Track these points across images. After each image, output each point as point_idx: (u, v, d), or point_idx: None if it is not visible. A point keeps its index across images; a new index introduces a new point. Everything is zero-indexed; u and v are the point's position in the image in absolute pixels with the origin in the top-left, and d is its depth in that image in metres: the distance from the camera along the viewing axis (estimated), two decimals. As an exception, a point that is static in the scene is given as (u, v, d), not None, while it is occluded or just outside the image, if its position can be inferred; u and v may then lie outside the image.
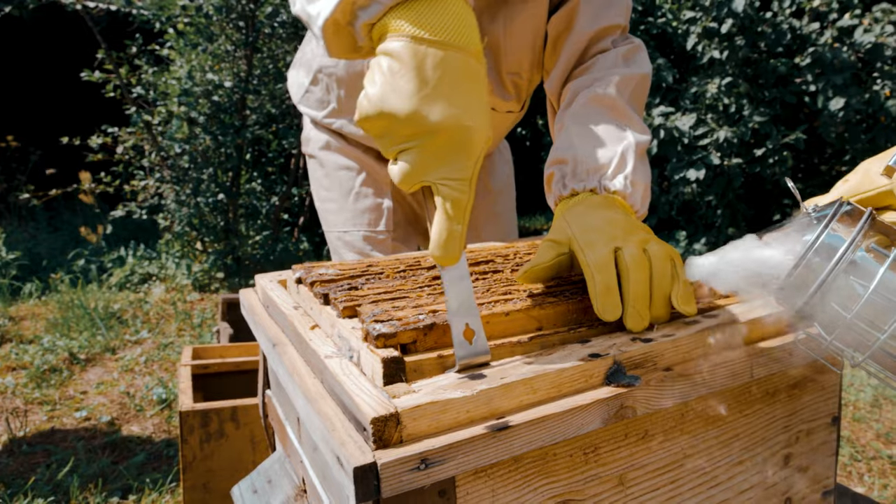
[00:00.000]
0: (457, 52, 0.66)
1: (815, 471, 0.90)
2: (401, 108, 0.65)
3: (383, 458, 0.56)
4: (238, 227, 6.44)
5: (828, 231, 0.62)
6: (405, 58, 0.65)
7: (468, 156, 0.67)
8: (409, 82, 0.65)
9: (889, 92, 3.57)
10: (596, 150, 1.00)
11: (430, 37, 0.66)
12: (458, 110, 0.65)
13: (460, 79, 0.66)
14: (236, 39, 5.90)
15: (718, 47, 4.33)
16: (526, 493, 0.66)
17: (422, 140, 0.66)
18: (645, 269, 0.77)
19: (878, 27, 3.89)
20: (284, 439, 1.01)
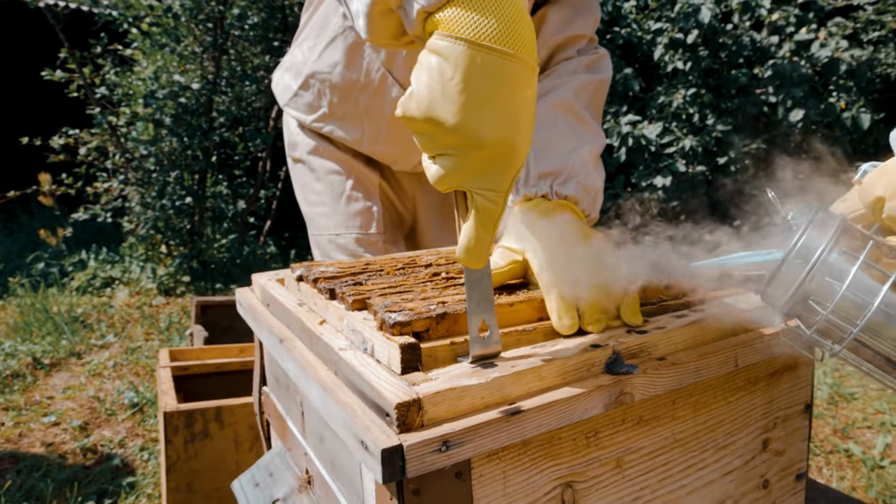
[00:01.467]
0: (514, 63, 0.62)
1: (790, 455, 0.96)
2: (449, 118, 0.61)
3: (408, 441, 0.60)
4: (204, 230, 6.37)
5: (805, 237, 0.68)
6: (459, 63, 0.61)
7: (509, 171, 0.65)
8: (461, 92, 0.61)
9: (844, 104, 3.73)
10: (550, 155, 1.03)
11: (489, 43, 0.61)
12: (508, 127, 0.63)
13: (514, 92, 0.63)
14: (204, 41, 5.85)
15: (683, 58, 4.46)
16: (533, 474, 0.71)
17: (463, 150, 0.63)
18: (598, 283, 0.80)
19: (832, 42, 4.06)
20: (284, 434, 1.04)
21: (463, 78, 0.61)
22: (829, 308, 0.67)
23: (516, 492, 0.70)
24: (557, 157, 1.03)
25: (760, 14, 4.38)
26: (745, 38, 4.53)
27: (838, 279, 0.67)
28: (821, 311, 0.68)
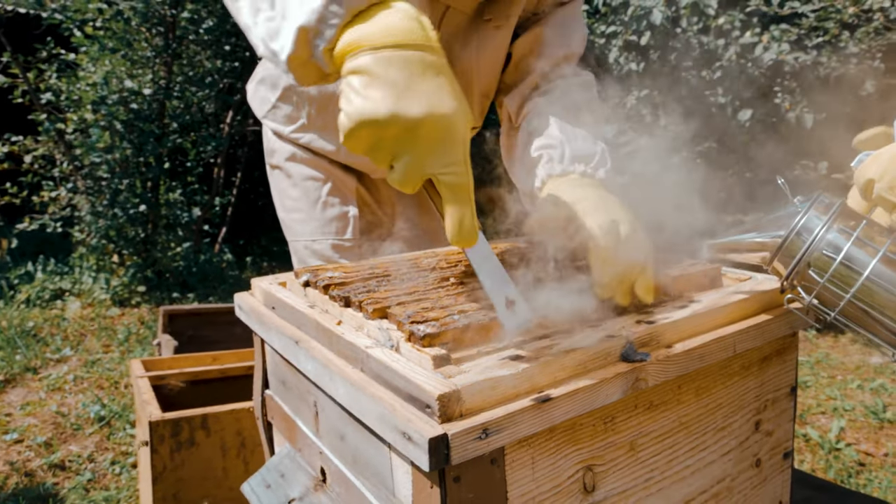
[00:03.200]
0: (414, 50, 0.69)
1: (778, 435, 1.03)
2: (380, 113, 0.67)
3: (452, 430, 0.63)
4: (158, 238, 6.24)
5: (807, 217, 0.80)
6: (370, 67, 0.68)
7: (455, 141, 0.70)
8: (381, 87, 0.68)
9: (789, 105, 3.91)
10: (580, 143, 1.11)
11: (386, 42, 0.69)
12: (432, 100, 0.68)
13: (425, 73, 0.69)
14: (156, 45, 5.73)
15: (636, 60, 4.59)
16: (558, 459, 0.74)
17: (408, 138, 0.69)
18: (632, 248, 0.88)
19: (775, 45, 4.24)
20: (293, 435, 1.05)
21: (378, 76, 0.68)
22: (826, 277, 0.79)
23: (543, 476, 0.73)
24: (586, 146, 1.10)
25: (708, 18, 4.54)
26: (693, 41, 4.69)
27: (835, 253, 0.79)
28: (819, 280, 0.79)
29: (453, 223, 0.72)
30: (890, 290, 0.76)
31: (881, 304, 0.76)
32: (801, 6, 3.80)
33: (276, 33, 0.78)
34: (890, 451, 2.65)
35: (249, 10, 0.83)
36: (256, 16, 0.82)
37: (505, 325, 0.74)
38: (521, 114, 1.27)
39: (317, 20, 0.73)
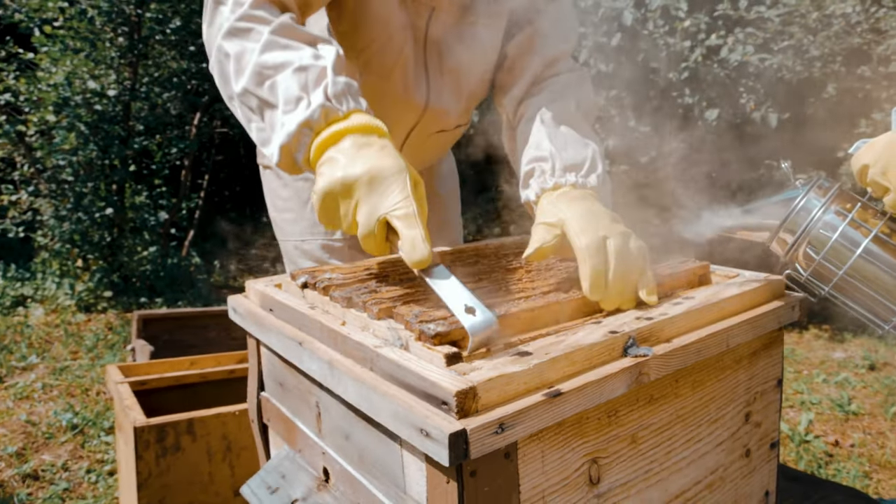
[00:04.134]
0: (360, 134, 0.90)
1: (766, 426, 1.07)
2: (333, 180, 0.87)
3: (471, 425, 0.64)
4: (124, 242, 6.12)
5: (808, 197, 0.88)
6: (333, 157, 0.89)
7: (396, 185, 0.86)
8: (335, 166, 0.88)
9: (754, 105, 4.02)
10: (570, 151, 1.13)
11: (341, 133, 0.91)
12: (371, 162, 0.87)
13: (370, 146, 0.89)
14: (121, 45, 5.62)
15: (605, 61, 4.66)
16: (566, 452, 0.77)
17: (358, 193, 0.86)
18: (626, 259, 0.92)
19: (739, 47, 4.35)
20: (292, 436, 1.06)
21: (334, 159, 0.89)
22: (822, 255, 0.86)
23: (552, 469, 0.75)
24: (576, 152, 1.12)
25: (674, 20, 4.63)
26: (660, 43, 4.78)
27: (831, 232, 0.86)
28: (815, 257, 0.87)
29: (408, 247, 0.83)
30: (880, 267, 0.83)
31: (872, 280, 0.84)
32: (766, 10, 3.90)
33: (266, 142, 0.96)
34: (856, 443, 2.74)
35: (243, 118, 1.00)
36: (249, 123, 0.99)
37: (469, 331, 0.76)
38: (517, 114, 1.29)
39: (294, 140, 0.92)
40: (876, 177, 0.82)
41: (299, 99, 0.92)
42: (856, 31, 3.66)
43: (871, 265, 0.84)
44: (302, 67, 0.93)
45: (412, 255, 0.83)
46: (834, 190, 0.88)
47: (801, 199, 0.89)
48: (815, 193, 0.89)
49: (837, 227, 0.86)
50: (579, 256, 0.92)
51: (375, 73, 1.27)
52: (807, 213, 0.88)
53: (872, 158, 0.83)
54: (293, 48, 0.95)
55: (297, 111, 0.91)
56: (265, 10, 0.98)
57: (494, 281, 1.01)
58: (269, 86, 0.93)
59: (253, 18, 0.97)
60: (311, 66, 0.93)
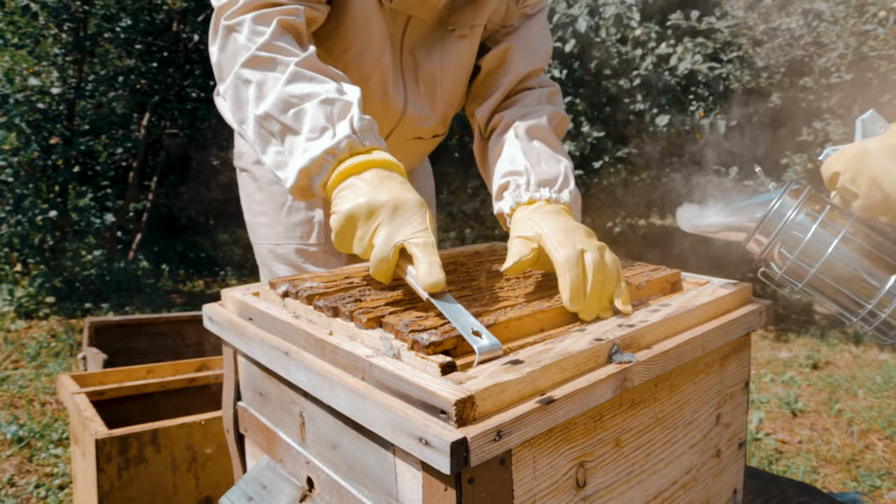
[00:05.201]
0: (384, 168, 0.97)
1: (735, 427, 1.11)
2: (360, 204, 0.91)
3: (471, 433, 0.66)
4: (68, 246, 5.92)
5: (782, 200, 0.94)
6: (355, 184, 0.94)
7: (417, 215, 0.91)
8: (358, 191, 0.93)
9: (703, 112, 4.15)
10: (543, 168, 1.16)
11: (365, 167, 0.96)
12: (395, 192, 0.92)
13: (392, 180, 0.95)
14: (65, 42, 5.44)
15: (559, 67, 4.75)
16: (556, 457, 0.78)
17: (380, 218, 0.91)
18: (602, 272, 0.95)
19: (688, 56, 4.49)
20: (272, 446, 1.05)
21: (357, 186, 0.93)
22: (795, 254, 0.92)
23: (543, 473, 0.77)
24: (550, 168, 1.15)
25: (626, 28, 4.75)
26: (612, 50, 4.89)
27: (803, 233, 0.92)
28: (789, 256, 0.93)
29: (425, 269, 0.87)
30: (848, 264, 0.90)
31: (841, 276, 0.91)
32: (717, 22, 4.04)
33: (283, 166, 1.01)
34: (803, 439, 2.86)
35: (258, 141, 1.03)
36: (266, 146, 1.03)
37: (478, 352, 0.78)
38: (489, 126, 1.31)
39: (316, 165, 0.97)
40: (846, 184, 0.87)
41: (324, 129, 0.97)
42: (799, 43, 3.82)
43: (840, 262, 0.90)
44: (328, 100, 0.98)
45: (429, 278, 0.86)
46: (805, 193, 0.94)
47: (775, 202, 0.94)
48: (788, 196, 0.94)
49: (809, 227, 0.92)
50: (559, 269, 0.95)
51: (354, 77, 1.27)
52: (780, 216, 0.94)
53: (843, 166, 0.87)
54: (318, 81, 1.01)
55: (322, 139, 0.96)
56: (285, 42, 1.04)
57: (476, 290, 1.02)
58: (295, 113, 0.98)
59: (275, 49, 1.03)
60: (337, 99, 0.99)
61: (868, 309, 0.89)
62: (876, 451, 2.72)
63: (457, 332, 0.81)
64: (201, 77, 7.11)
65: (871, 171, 0.84)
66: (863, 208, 0.87)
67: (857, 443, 2.78)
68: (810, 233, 0.91)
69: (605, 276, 0.95)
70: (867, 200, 0.86)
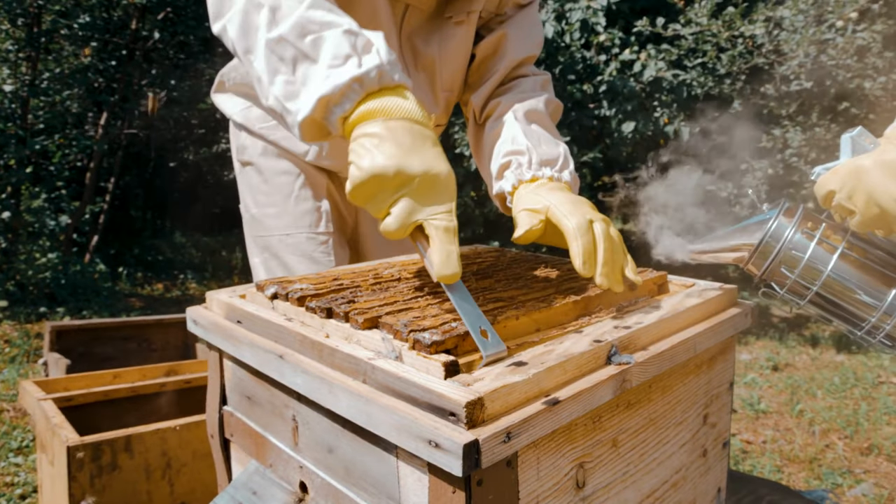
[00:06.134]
0: (417, 125, 0.86)
1: (720, 427, 1.13)
2: (388, 167, 0.82)
3: (482, 435, 0.65)
4: (21, 248, 5.72)
5: (778, 221, 0.96)
6: (382, 132, 0.84)
7: (445, 193, 0.85)
8: (390, 148, 0.83)
9: (667, 119, 4.23)
10: (544, 149, 1.19)
11: (397, 115, 0.86)
12: (429, 161, 0.84)
13: (425, 142, 0.86)
14: (18, 38, 5.26)
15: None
16: (558, 458, 0.79)
17: (407, 189, 0.83)
18: (611, 240, 0.97)
19: (652, 62, 4.57)
20: (263, 450, 1.03)
21: (388, 139, 0.84)
22: (796, 273, 0.95)
23: (546, 474, 0.77)
24: (550, 149, 1.17)
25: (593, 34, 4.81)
26: (577, 56, 4.96)
27: (801, 252, 0.94)
28: (790, 276, 0.95)
29: (441, 258, 0.83)
30: (847, 280, 0.93)
31: (841, 292, 0.93)
32: (682, 29, 4.13)
33: (293, 96, 0.91)
34: (767, 439, 2.94)
35: (266, 70, 0.93)
36: (274, 76, 0.93)
37: (483, 353, 0.78)
38: (484, 112, 1.34)
39: (339, 93, 0.87)
40: (842, 201, 0.90)
41: (348, 56, 0.88)
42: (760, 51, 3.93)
43: (841, 278, 0.92)
44: (351, 31, 0.91)
45: (444, 269, 0.83)
46: (800, 212, 0.96)
47: (771, 224, 0.96)
48: (783, 217, 0.97)
49: (807, 246, 0.94)
50: (569, 236, 0.96)
51: None
52: (778, 237, 0.96)
53: (838, 185, 0.90)
54: (339, 14, 0.94)
55: (347, 66, 0.87)
56: None
57: (470, 290, 1.02)
58: (313, 40, 0.91)
59: None
60: (360, 33, 0.91)
61: (871, 322, 0.92)
62: (836, 449, 2.80)
63: (457, 330, 0.81)
64: (161, 76, 6.97)
65: (867, 188, 0.87)
66: (860, 224, 0.90)
67: (818, 442, 2.87)
68: (809, 252, 0.94)
69: (613, 245, 0.96)
70: (864, 217, 0.88)
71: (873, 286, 0.93)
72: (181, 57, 7.14)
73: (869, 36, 3.46)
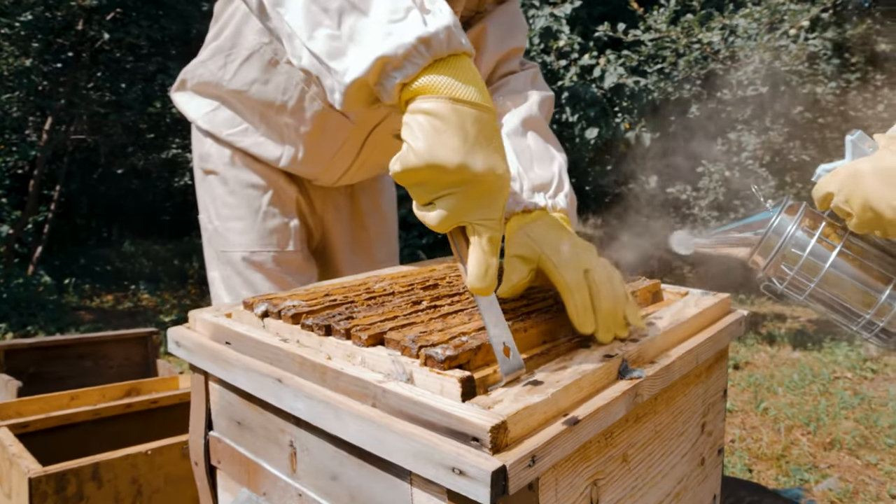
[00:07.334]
0: (485, 112, 0.75)
1: (716, 434, 1.13)
2: (450, 161, 0.73)
3: (509, 461, 0.63)
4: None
5: (780, 218, 0.99)
6: (449, 116, 0.73)
7: (499, 198, 0.77)
8: (454, 138, 0.73)
9: (628, 125, 4.29)
10: (536, 169, 1.12)
11: (465, 98, 0.74)
12: (494, 160, 0.75)
13: (491, 134, 0.76)
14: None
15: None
16: (574, 478, 0.77)
17: (463, 187, 0.75)
18: (610, 288, 0.90)
19: (611, 67, 4.63)
20: (255, 478, 0.98)
21: (454, 126, 0.73)
22: (795, 269, 0.98)
23: (564, 495, 0.75)
24: (543, 171, 1.11)
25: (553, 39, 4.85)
26: (538, 61, 4.99)
27: (801, 249, 0.98)
28: (789, 272, 0.98)
29: (479, 271, 0.77)
30: (845, 276, 0.96)
31: (839, 288, 0.97)
32: (642, 34, 4.19)
33: (339, 53, 0.78)
34: (735, 438, 2.99)
35: (304, 22, 0.79)
36: (314, 30, 0.79)
37: (501, 370, 0.76)
38: None
39: (402, 55, 0.74)
40: (840, 204, 0.91)
41: (409, 9, 0.76)
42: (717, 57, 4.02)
43: (838, 275, 0.96)
44: None
45: (481, 282, 0.77)
46: (801, 210, 0.99)
47: (774, 220, 0.99)
48: (785, 214, 0.99)
49: (807, 244, 0.97)
50: (564, 293, 0.89)
51: None
52: (779, 234, 0.99)
53: (836, 187, 0.91)
54: None
55: (411, 23, 0.75)
56: None
57: (470, 303, 0.99)
58: None
59: None
60: None
61: (867, 318, 0.94)
62: (801, 445, 2.87)
63: (469, 345, 0.78)
64: (110, 79, 6.75)
65: (863, 193, 0.88)
66: (857, 226, 0.92)
67: (783, 439, 2.93)
68: (808, 249, 0.97)
69: (614, 293, 0.89)
70: (860, 219, 0.90)
71: (870, 283, 0.96)
72: (130, 59, 6.93)
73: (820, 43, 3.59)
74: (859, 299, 0.95)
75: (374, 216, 1.63)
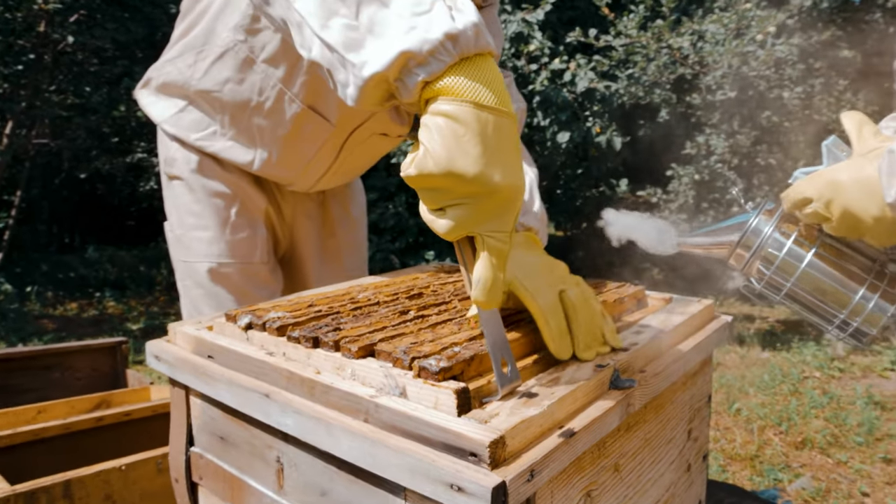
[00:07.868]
0: (506, 119, 0.72)
1: (701, 440, 1.14)
2: (469, 170, 0.69)
3: (508, 476, 0.62)
4: (-82, 270, 5.29)
5: (758, 219, 1.02)
6: (470, 122, 0.69)
7: (514, 211, 0.74)
8: (476, 146, 0.69)
9: (599, 129, 4.33)
10: None
11: (488, 103, 0.71)
12: (510, 172, 0.72)
13: (512, 143, 0.73)
14: None
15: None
16: (569, 490, 0.76)
17: (478, 198, 0.71)
18: (587, 306, 0.89)
19: (581, 72, 4.66)
20: (239, 494, 0.96)
21: (475, 133, 0.70)
22: (772, 270, 1.00)
23: (559, 509, 0.75)
24: None
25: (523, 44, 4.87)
26: (509, 65, 5.02)
27: (778, 250, 1.00)
28: (766, 272, 1.00)
29: (484, 284, 0.73)
30: (821, 277, 0.98)
31: (815, 288, 0.99)
32: (612, 40, 4.23)
33: (357, 45, 0.73)
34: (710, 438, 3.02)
35: (317, 10, 0.75)
36: (329, 18, 0.74)
37: (499, 384, 0.74)
38: None
39: (428, 51, 0.70)
40: (819, 209, 0.92)
41: (434, 1, 0.72)
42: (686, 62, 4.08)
43: (814, 276, 0.98)
44: None
45: (486, 295, 0.74)
46: (779, 212, 1.02)
47: (752, 222, 1.02)
48: (763, 216, 1.02)
49: (784, 245, 0.99)
50: (539, 319, 0.86)
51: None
52: (757, 235, 1.01)
53: (815, 193, 0.92)
54: None
55: (437, 17, 0.71)
56: None
57: (456, 312, 0.98)
58: None
59: None
60: None
61: (841, 318, 0.96)
62: (774, 445, 2.92)
63: (462, 355, 0.77)
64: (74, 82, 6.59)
65: (844, 202, 0.89)
66: (834, 230, 0.93)
67: (756, 439, 2.98)
68: (785, 250, 0.98)
69: (591, 313, 0.88)
70: (839, 225, 0.92)
71: (844, 284, 0.98)
72: (95, 62, 6.78)
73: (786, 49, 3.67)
74: (834, 299, 0.97)
75: (344, 224, 1.60)
